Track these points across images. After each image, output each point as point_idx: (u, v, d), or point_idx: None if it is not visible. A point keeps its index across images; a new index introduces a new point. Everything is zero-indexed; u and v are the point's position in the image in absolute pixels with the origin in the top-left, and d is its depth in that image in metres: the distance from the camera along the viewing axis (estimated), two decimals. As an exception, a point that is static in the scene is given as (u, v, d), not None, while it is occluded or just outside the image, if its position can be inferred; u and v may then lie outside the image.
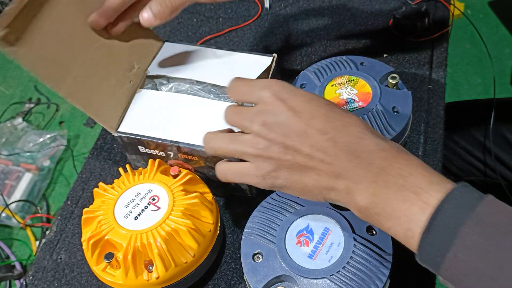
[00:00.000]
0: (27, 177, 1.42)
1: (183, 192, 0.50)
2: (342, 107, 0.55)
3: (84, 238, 0.50)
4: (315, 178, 0.39)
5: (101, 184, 0.53)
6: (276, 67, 0.58)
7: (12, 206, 1.35)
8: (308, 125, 0.38)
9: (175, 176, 0.52)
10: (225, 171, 0.43)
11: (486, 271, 0.31)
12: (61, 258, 0.58)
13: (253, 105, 0.41)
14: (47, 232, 1.10)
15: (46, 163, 1.46)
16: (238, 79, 0.43)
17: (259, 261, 0.47)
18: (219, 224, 0.52)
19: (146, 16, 0.50)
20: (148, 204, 0.50)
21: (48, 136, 1.52)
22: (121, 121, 0.55)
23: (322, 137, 0.38)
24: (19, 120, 1.60)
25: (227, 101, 0.55)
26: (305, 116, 0.38)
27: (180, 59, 0.60)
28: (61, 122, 1.63)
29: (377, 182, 0.37)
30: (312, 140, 0.38)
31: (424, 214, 0.34)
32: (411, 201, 0.35)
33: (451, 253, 0.33)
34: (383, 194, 0.36)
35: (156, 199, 0.50)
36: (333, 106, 0.40)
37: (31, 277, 0.57)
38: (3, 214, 1.33)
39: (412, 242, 0.35)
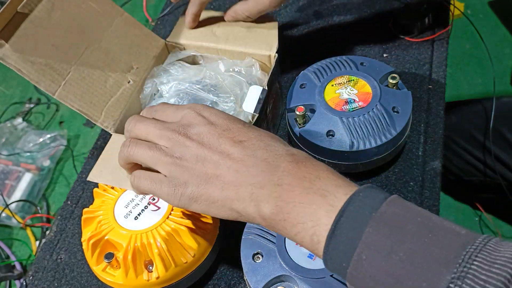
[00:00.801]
0: (27, 177, 1.42)
1: (183, 192, 0.50)
2: (342, 107, 0.55)
3: (84, 238, 0.50)
4: (220, 187, 0.38)
5: (101, 184, 0.53)
6: (276, 67, 0.58)
7: (12, 206, 1.35)
8: (221, 134, 0.39)
9: None
10: (140, 180, 0.42)
11: (390, 270, 0.31)
12: (61, 258, 0.58)
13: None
14: (47, 232, 1.10)
15: (46, 163, 1.46)
16: (165, 104, 0.45)
17: (259, 261, 0.47)
18: (219, 224, 0.52)
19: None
20: (148, 204, 0.50)
21: (48, 136, 1.52)
22: (119, 121, 0.55)
23: (232, 144, 0.38)
24: (19, 120, 1.60)
25: (226, 101, 0.55)
26: (220, 128, 0.40)
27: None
28: (61, 122, 1.63)
29: (282, 186, 0.36)
30: (223, 147, 0.38)
31: (329, 218, 0.33)
32: (318, 204, 0.34)
33: (356, 255, 0.32)
34: (288, 198, 0.35)
35: (156, 199, 0.50)
36: (251, 125, 0.41)
37: (31, 277, 0.57)
38: (3, 214, 1.33)
39: (318, 247, 0.34)
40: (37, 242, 1.33)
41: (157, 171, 0.41)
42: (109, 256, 0.46)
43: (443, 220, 0.32)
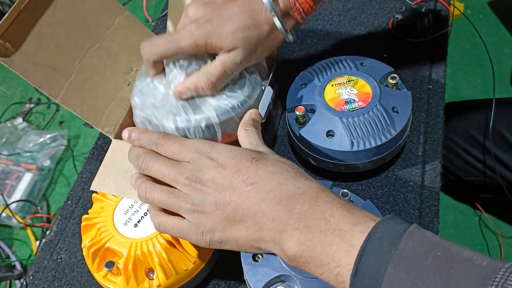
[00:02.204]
0: (27, 177, 1.42)
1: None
2: (342, 107, 0.55)
3: (84, 244, 0.49)
4: (244, 232, 0.39)
5: None
6: (276, 66, 0.58)
7: (13, 206, 1.35)
8: (233, 178, 0.39)
9: None
10: (165, 226, 0.42)
11: None
12: (61, 258, 0.58)
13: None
14: (47, 232, 1.10)
15: (46, 163, 1.47)
16: (166, 136, 0.44)
17: (259, 261, 0.47)
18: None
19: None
20: (147, 210, 0.50)
21: (48, 136, 1.52)
22: (119, 125, 0.55)
23: (245, 188, 0.39)
24: (20, 120, 1.60)
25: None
26: (230, 170, 0.40)
27: None
28: (61, 122, 1.63)
29: (300, 229, 0.37)
30: (237, 192, 0.39)
31: (350, 257, 0.34)
32: (336, 245, 0.35)
33: None
34: (307, 241, 0.36)
35: None
36: (260, 158, 0.41)
37: (31, 277, 0.57)
38: (4, 214, 1.33)
39: (344, 286, 0.35)
40: (37, 242, 1.33)
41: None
42: (110, 265, 0.46)
43: (463, 250, 0.32)
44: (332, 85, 0.58)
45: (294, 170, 0.40)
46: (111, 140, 0.68)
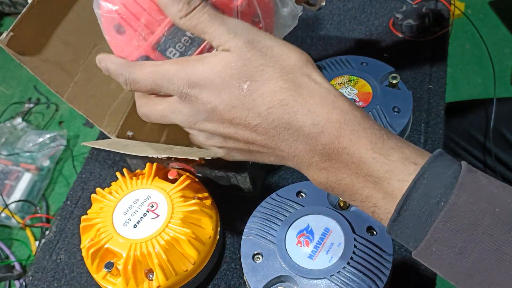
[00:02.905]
0: (26, 177, 1.42)
1: (182, 199, 0.50)
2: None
3: (83, 245, 0.49)
4: (266, 159, 0.36)
5: (98, 189, 0.52)
6: None
7: (12, 206, 1.35)
8: (231, 116, 0.34)
9: (173, 180, 0.51)
10: (232, 156, 0.38)
11: (461, 267, 0.29)
12: (60, 258, 0.58)
13: None
14: (47, 232, 1.10)
15: (46, 163, 1.46)
16: (131, 67, 0.37)
17: (259, 261, 0.47)
18: (218, 229, 0.52)
19: None
20: (147, 211, 0.49)
21: (48, 136, 1.52)
22: (120, 126, 0.55)
23: (249, 124, 0.34)
24: (19, 120, 1.60)
25: None
26: (224, 108, 0.34)
27: None
28: (60, 122, 1.63)
29: (327, 169, 0.33)
30: (243, 130, 0.34)
31: (387, 203, 0.31)
32: (371, 189, 0.32)
33: (424, 245, 0.30)
34: (338, 180, 0.33)
35: (155, 206, 0.50)
36: (250, 80, 0.33)
37: (30, 277, 0.57)
38: (3, 214, 1.33)
39: (381, 222, 0.33)
40: (37, 242, 1.33)
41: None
42: (109, 266, 0.46)
43: None
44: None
45: (297, 88, 0.33)
46: (110, 140, 0.68)
